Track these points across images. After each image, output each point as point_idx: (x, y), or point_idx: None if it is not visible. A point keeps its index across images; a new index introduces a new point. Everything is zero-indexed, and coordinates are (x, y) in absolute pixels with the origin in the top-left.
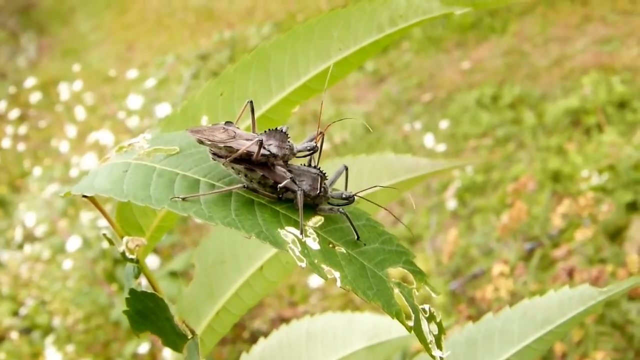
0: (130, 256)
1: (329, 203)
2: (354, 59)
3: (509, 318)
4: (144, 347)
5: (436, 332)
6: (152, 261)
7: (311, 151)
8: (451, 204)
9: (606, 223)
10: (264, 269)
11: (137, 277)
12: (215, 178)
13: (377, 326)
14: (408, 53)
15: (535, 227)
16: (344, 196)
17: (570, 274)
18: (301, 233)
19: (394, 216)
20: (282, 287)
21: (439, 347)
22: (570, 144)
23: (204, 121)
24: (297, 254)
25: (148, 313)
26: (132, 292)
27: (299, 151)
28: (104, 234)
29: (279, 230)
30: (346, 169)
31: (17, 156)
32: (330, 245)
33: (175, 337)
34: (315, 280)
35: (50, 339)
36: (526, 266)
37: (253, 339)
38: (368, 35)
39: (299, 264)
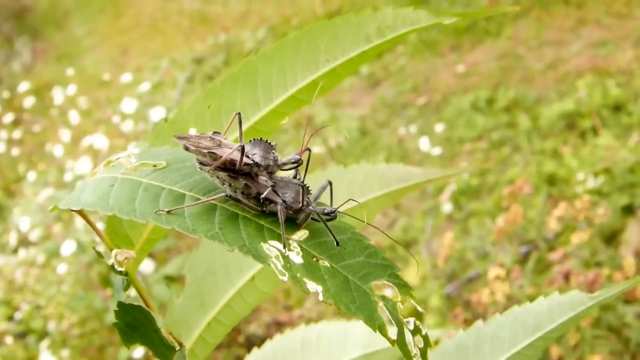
0: (119, 269)
1: (312, 219)
2: (342, 70)
3: (499, 324)
4: (139, 352)
5: (422, 345)
6: (146, 265)
7: (295, 164)
8: (447, 207)
9: (602, 226)
10: (255, 280)
11: (126, 289)
12: (200, 192)
13: (372, 334)
14: (403, 57)
15: (530, 230)
16: (326, 211)
17: (567, 277)
18: (284, 247)
19: (381, 230)
20: (277, 291)
21: (424, 359)
22: (566, 148)
23: (192, 133)
24: (280, 268)
25: (137, 325)
26: (120, 305)
27: (283, 163)
28: (94, 248)
29: (262, 244)
30: (330, 184)
31: (12, 161)
32: (314, 259)
33: (164, 349)
34: (310, 285)
35: (45, 344)
36: (522, 269)
37: (248, 343)
38: (356, 46)
39: (281, 277)
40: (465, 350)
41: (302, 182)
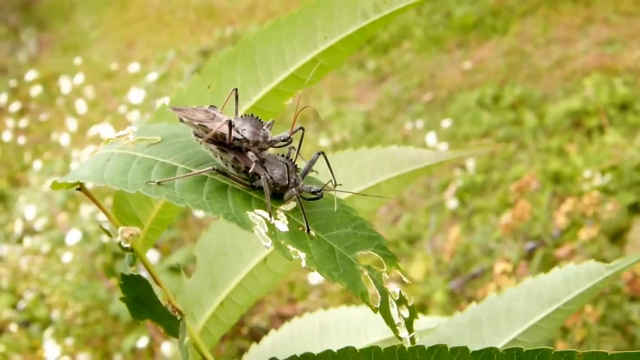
0: (126, 245)
1: (300, 197)
2: (342, 47)
3: (513, 297)
4: (142, 342)
5: (407, 316)
6: (151, 256)
7: (285, 142)
8: (451, 203)
9: (608, 224)
10: (267, 261)
11: (132, 265)
12: (192, 165)
13: None
14: (409, 53)
15: (536, 227)
16: (312, 190)
17: None
18: (270, 216)
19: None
20: (281, 284)
21: (410, 329)
22: (571, 146)
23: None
24: (263, 234)
25: (143, 299)
26: (124, 277)
27: (273, 141)
28: (101, 226)
29: (247, 212)
30: (322, 154)
31: (18, 150)
32: (300, 229)
33: (171, 322)
34: (315, 277)
35: (49, 332)
36: (528, 265)
37: (252, 335)
38: (353, 23)
39: (264, 244)
40: (480, 323)
41: (291, 159)
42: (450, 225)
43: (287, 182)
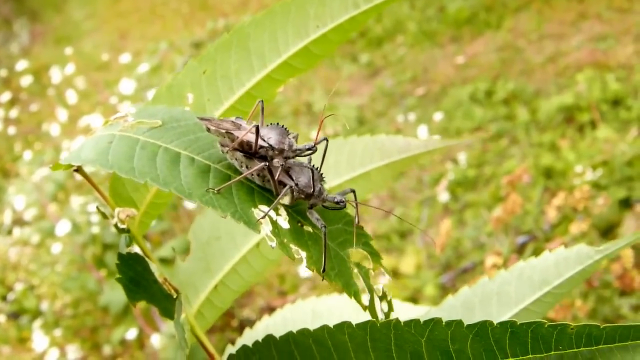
0: (122, 226)
1: (323, 206)
2: (333, 36)
3: (505, 280)
4: (132, 333)
5: (386, 310)
6: None
7: (309, 151)
8: (443, 196)
9: (599, 219)
10: (260, 246)
11: (129, 246)
12: (195, 152)
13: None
14: (403, 47)
15: (527, 222)
16: (336, 200)
17: None
18: (274, 212)
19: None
20: (272, 276)
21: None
22: (563, 141)
23: (190, 99)
24: (269, 233)
25: (139, 279)
26: (121, 257)
27: (299, 150)
28: (97, 207)
29: (252, 209)
30: (325, 140)
31: (8, 140)
32: (299, 224)
33: (167, 304)
34: (305, 270)
35: (37, 323)
36: (519, 259)
37: (242, 327)
38: (344, 12)
39: (269, 243)
40: (471, 306)
41: (316, 167)
42: (442, 219)
43: (312, 190)
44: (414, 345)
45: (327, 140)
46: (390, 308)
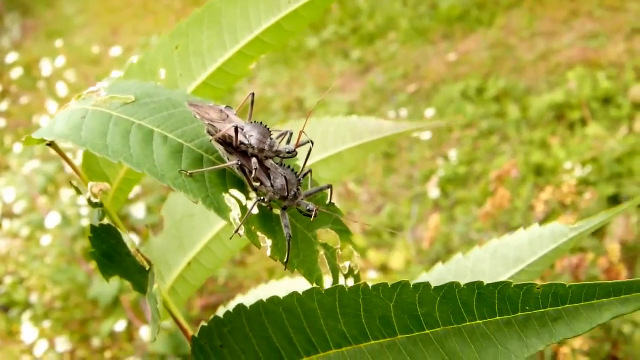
0: (95, 200)
1: (297, 209)
2: (304, 12)
3: (479, 258)
4: (120, 325)
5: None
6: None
7: (289, 154)
8: (433, 192)
9: (587, 215)
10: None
11: (101, 219)
12: (168, 129)
13: None
14: (394, 43)
15: (516, 217)
16: (308, 208)
17: None
18: (245, 196)
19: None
20: (260, 270)
21: None
22: (554, 138)
23: (162, 74)
24: (237, 221)
25: (112, 253)
26: (93, 229)
27: (278, 151)
28: (71, 182)
29: (223, 194)
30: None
31: None
32: (268, 207)
33: (140, 277)
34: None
35: (26, 315)
36: None
37: None
38: None
39: (239, 232)
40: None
41: (295, 172)
42: (432, 215)
43: (287, 194)
44: (382, 310)
45: (312, 143)
46: (358, 282)
